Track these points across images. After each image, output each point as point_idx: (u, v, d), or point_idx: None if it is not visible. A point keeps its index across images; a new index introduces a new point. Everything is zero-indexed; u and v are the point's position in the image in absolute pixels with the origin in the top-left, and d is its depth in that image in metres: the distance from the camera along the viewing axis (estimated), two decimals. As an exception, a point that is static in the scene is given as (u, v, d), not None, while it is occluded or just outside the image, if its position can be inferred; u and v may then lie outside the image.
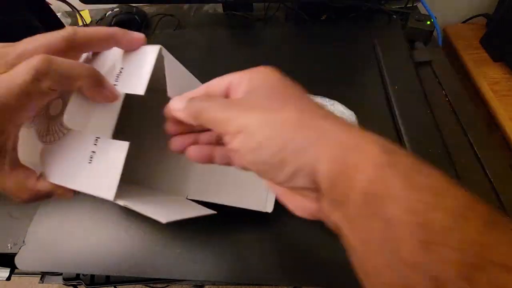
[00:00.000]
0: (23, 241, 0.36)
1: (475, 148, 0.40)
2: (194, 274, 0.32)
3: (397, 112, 0.42)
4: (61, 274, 0.38)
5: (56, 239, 0.36)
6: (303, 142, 0.14)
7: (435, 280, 0.10)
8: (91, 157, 0.22)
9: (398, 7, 0.60)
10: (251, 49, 0.56)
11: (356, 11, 0.59)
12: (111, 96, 0.20)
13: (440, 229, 0.11)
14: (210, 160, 0.20)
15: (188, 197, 0.33)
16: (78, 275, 0.37)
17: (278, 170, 0.15)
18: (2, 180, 0.19)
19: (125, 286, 0.41)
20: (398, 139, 0.40)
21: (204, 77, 0.56)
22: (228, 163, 0.20)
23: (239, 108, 0.16)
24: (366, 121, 0.41)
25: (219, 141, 0.20)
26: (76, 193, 0.22)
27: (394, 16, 0.58)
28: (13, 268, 0.39)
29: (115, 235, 0.35)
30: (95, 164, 0.22)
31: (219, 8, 0.67)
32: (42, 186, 0.21)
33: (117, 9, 0.63)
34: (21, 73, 0.16)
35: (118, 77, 0.22)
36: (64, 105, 0.20)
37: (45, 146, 0.22)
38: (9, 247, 0.36)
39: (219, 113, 0.16)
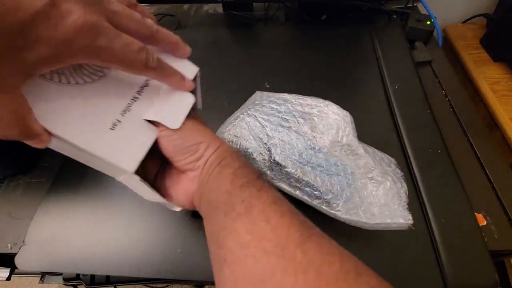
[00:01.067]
0: (23, 241, 0.36)
1: (475, 148, 0.40)
2: (194, 274, 0.32)
3: (397, 112, 0.42)
4: (61, 274, 0.38)
5: (56, 239, 0.36)
6: (212, 141, 0.26)
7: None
8: (115, 125, 0.21)
9: (398, 7, 0.60)
10: (251, 49, 0.56)
11: (356, 11, 0.59)
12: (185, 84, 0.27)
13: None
14: None
15: None
16: (78, 275, 0.37)
17: (191, 154, 0.25)
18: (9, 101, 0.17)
19: (125, 286, 0.41)
20: (398, 139, 0.40)
21: (204, 77, 0.56)
22: None
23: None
24: (366, 121, 0.41)
25: None
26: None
27: (394, 16, 0.58)
28: (13, 268, 0.39)
29: (115, 235, 0.35)
30: (120, 133, 0.21)
31: (219, 8, 0.67)
32: (36, 128, 0.18)
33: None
34: (134, 47, 0.20)
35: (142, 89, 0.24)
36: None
37: (59, 86, 0.20)
38: (9, 247, 0.36)
39: None
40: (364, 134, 0.39)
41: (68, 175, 0.41)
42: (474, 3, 0.74)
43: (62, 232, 0.36)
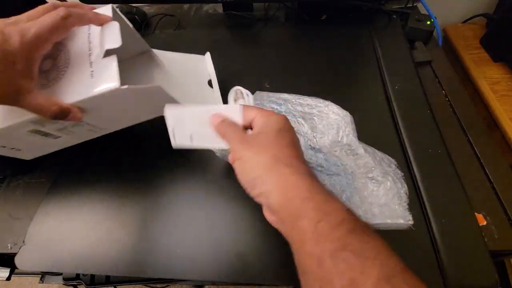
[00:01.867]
0: (23, 241, 0.36)
1: (475, 148, 0.40)
2: (194, 274, 0.32)
3: (397, 112, 0.42)
4: (61, 274, 0.38)
5: (56, 239, 0.36)
6: (265, 179, 0.24)
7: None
8: (92, 74, 0.29)
9: (398, 7, 0.60)
10: (251, 49, 0.56)
11: (356, 11, 0.59)
12: (105, 18, 0.30)
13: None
14: None
15: None
16: (78, 275, 0.37)
17: (251, 187, 0.25)
18: (34, 98, 0.25)
19: (125, 286, 0.41)
20: (398, 139, 0.40)
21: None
22: None
23: (244, 145, 0.26)
24: (366, 121, 0.41)
25: None
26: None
27: (394, 16, 0.58)
28: (13, 268, 0.39)
29: (115, 235, 0.35)
30: (97, 74, 0.29)
31: (219, 8, 0.67)
32: (63, 103, 0.27)
33: (117, 9, 0.63)
34: (52, 15, 0.26)
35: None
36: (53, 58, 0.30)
37: (52, 85, 0.29)
38: (9, 247, 0.36)
39: (233, 143, 0.27)
40: (364, 134, 0.39)
41: (68, 175, 0.41)
42: (474, 3, 0.74)
43: (62, 232, 0.36)
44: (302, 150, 0.27)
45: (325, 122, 0.39)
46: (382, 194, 0.33)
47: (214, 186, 0.38)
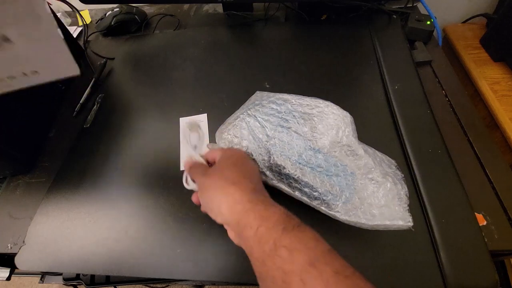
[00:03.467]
0: (23, 241, 0.36)
1: (475, 148, 0.40)
2: (194, 274, 0.32)
3: (397, 112, 0.42)
4: (61, 274, 0.38)
5: (56, 239, 0.36)
6: (218, 200, 0.27)
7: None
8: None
9: (398, 7, 0.60)
10: (251, 49, 0.56)
11: (356, 11, 0.59)
12: None
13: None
14: None
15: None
16: (78, 275, 0.37)
17: (210, 212, 0.28)
18: None
19: (125, 286, 0.41)
20: (398, 139, 0.40)
21: (204, 77, 0.56)
22: None
23: (205, 177, 0.29)
24: (366, 121, 0.41)
25: None
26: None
27: (394, 16, 0.58)
28: (13, 268, 0.39)
29: (115, 235, 0.35)
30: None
31: (219, 8, 0.67)
32: None
33: (117, 9, 0.63)
34: None
35: None
36: None
37: None
38: (9, 247, 0.36)
39: (198, 178, 0.31)
40: (364, 134, 0.39)
41: (68, 175, 0.41)
42: (474, 3, 0.74)
43: (62, 232, 0.36)
44: (258, 173, 0.31)
45: (325, 123, 0.39)
46: (382, 195, 0.33)
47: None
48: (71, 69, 0.37)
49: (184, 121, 0.34)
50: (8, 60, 0.34)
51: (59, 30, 0.33)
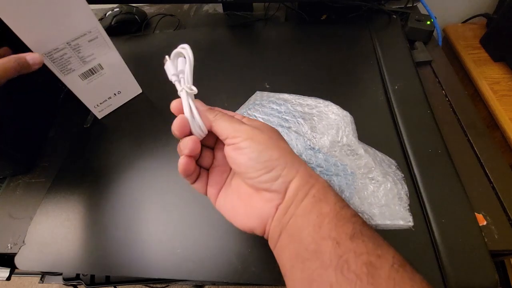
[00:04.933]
0: (23, 241, 0.36)
1: (475, 148, 0.40)
2: (194, 274, 0.32)
3: (397, 112, 0.42)
4: (61, 274, 0.38)
5: (56, 239, 0.36)
6: (290, 161, 0.22)
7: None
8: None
9: (398, 7, 0.60)
10: (251, 49, 0.56)
11: (356, 11, 0.59)
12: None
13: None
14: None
15: None
16: (78, 275, 0.37)
17: (266, 171, 0.22)
18: None
19: (125, 286, 0.41)
20: (398, 139, 0.40)
21: (204, 77, 0.56)
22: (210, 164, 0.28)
23: (246, 126, 0.23)
24: (366, 121, 0.41)
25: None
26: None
27: (394, 16, 0.58)
28: (13, 268, 0.39)
29: (115, 235, 0.35)
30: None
31: (219, 8, 0.67)
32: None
33: (117, 9, 0.63)
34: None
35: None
36: None
37: None
38: (9, 247, 0.36)
39: (229, 124, 0.23)
40: (364, 134, 0.39)
41: (68, 175, 0.41)
42: (474, 3, 0.74)
43: (62, 232, 0.36)
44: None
45: (325, 122, 0.39)
46: (382, 195, 0.33)
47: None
48: (136, 89, 0.50)
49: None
50: (105, 84, 0.45)
51: (121, 58, 0.45)
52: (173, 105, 0.24)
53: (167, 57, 0.25)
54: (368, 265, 0.17)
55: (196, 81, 0.25)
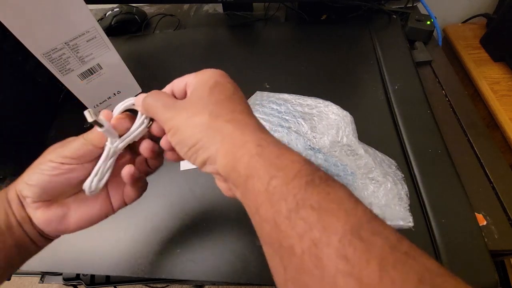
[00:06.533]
0: (23, 241, 0.36)
1: (475, 148, 0.40)
2: (194, 274, 0.32)
3: (397, 112, 0.42)
4: (61, 274, 0.38)
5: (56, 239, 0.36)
6: (207, 142, 0.20)
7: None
8: None
9: (398, 7, 0.60)
10: (251, 49, 0.56)
11: (356, 11, 0.59)
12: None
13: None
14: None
15: None
16: (78, 275, 0.37)
17: (194, 158, 0.21)
18: None
19: (125, 286, 0.41)
20: (398, 139, 0.40)
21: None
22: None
23: (174, 111, 0.21)
24: (366, 121, 0.41)
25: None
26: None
27: (394, 16, 0.58)
28: (13, 268, 0.39)
29: (115, 235, 0.35)
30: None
31: (219, 8, 0.67)
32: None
33: (117, 9, 0.63)
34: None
35: None
36: None
37: None
38: (9, 247, 0.36)
39: (160, 113, 0.22)
40: (364, 134, 0.39)
41: (68, 175, 0.41)
42: (474, 3, 0.74)
43: (62, 232, 0.36)
44: (246, 103, 0.23)
45: (325, 123, 0.39)
46: (382, 195, 0.33)
47: (214, 187, 0.38)
48: (136, 88, 0.50)
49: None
50: (104, 84, 0.44)
51: (120, 58, 0.44)
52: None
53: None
54: (313, 243, 0.15)
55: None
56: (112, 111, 0.24)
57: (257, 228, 0.18)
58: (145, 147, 0.25)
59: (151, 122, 0.24)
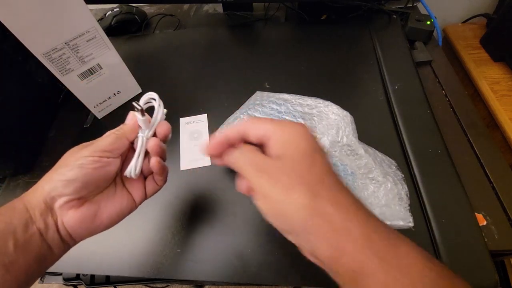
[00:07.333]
0: (23, 241, 0.36)
1: (475, 148, 0.40)
2: (194, 274, 0.32)
3: (397, 112, 0.42)
4: (61, 274, 0.38)
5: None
6: (307, 230, 0.18)
7: None
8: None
9: (398, 7, 0.60)
10: (251, 49, 0.56)
11: (356, 11, 0.59)
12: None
13: None
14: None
15: None
16: (78, 275, 0.37)
17: (288, 235, 0.20)
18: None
19: (125, 286, 0.41)
20: (398, 139, 0.40)
21: (204, 77, 0.56)
22: None
23: (266, 176, 0.19)
24: (366, 121, 0.41)
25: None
26: None
27: (394, 16, 0.58)
28: (13, 268, 0.39)
29: (115, 235, 0.35)
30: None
31: (219, 8, 0.67)
32: None
33: (117, 9, 0.63)
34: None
35: None
36: None
37: None
38: (9, 247, 0.36)
39: (251, 176, 0.20)
40: (364, 134, 0.39)
41: (68, 175, 0.41)
42: (474, 3, 0.74)
43: (62, 232, 0.36)
44: (329, 163, 0.21)
45: (325, 123, 0.39)
46: (382, 195, 0.33)
47: (214, 187, 0.38)
48: (136, 88, 0.50)
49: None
50: (104, 84, 0.44)
51: (120, 58, 0.45)
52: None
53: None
54: None
55: (196, 81, 0.26)
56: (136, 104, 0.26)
57: None
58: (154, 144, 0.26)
59: (165, 111, 0.27)
